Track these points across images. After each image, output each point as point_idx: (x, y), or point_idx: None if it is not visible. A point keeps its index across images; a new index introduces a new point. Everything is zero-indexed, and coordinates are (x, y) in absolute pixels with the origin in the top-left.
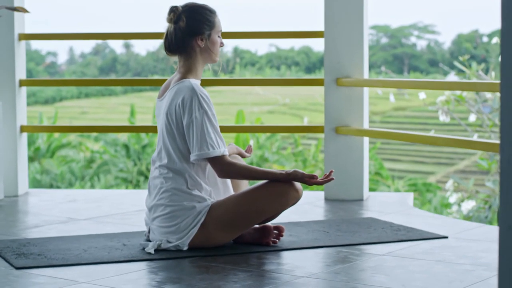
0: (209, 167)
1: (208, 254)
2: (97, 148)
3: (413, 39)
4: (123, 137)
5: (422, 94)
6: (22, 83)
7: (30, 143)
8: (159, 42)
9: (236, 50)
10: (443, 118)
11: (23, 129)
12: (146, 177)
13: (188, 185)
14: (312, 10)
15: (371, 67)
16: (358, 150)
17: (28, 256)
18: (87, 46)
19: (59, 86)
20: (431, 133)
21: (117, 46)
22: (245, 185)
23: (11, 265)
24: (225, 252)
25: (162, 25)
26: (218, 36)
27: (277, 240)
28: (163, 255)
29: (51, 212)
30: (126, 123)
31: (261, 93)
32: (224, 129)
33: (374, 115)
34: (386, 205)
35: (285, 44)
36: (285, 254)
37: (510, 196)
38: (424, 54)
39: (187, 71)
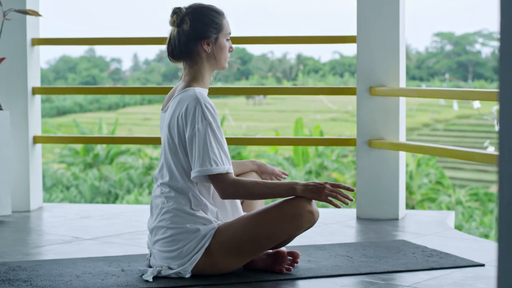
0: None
1: (213, 283)
2: (156, 155)
3: (477, 47)
4: None
5: (476, 103)
6: (35, 91)
7: (89, 149)
8: None
9: (299, 57)
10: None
11: (36, 139)
12: None
13: (192, 205)
14: (344, 14)
15: (435, 74)
16: (393, 164)
17: (13, 282)
18: (151, 52)
19: (73, 94)
20: (486, 143)
21: None
22: (260, 204)
23: None
24: (231, 281)
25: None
26: (227, 40)
27: (291, 268)
28: (162, 284)
29: (58, 230)
30: None
31: (324, 100)
32: (240, 142)
33: (437, 123)
34: (423, 225)
35: (349, 51)
36: (299, 283)
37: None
38: (488, 61)
39: (192, 79)
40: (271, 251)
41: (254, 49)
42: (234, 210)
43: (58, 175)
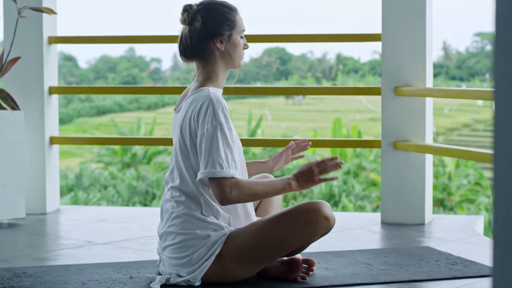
0: None
1: None
2: None
3: None
4: None
5: None
6: (52, 90)
7: (127, 149)
8: (262, 48)
9: (339, 57)
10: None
11: (53, 140)
12: None
13: (202, 210)
14: (368, 12)
15: (475, 74)
16: (419, 168)
17: None
18: None
19: (89, 94)
20: None
21: None
22: (276, 209)
23: None
24: None
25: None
26: (241, 37)
27: (306, 276)
28: None
29: (71, 234)
30: None
31: (363, 100)
32: (256, 143)
33: (477, 123)
34: (450, 230)
35: None
36: None
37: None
38: None
39: (206, 79)
40: (285, 258)
41: (294, 49)
42: (247, 215)
43: (95, 174)
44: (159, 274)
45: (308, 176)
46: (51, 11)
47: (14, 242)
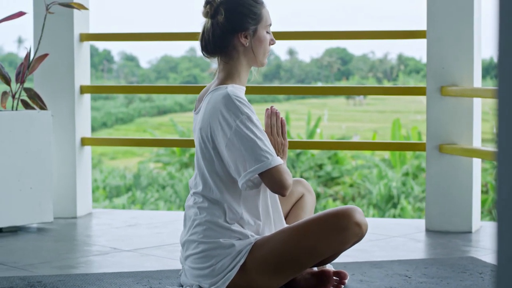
0: (259, 194)
1: None
2: None
3: None
4: None
5: None
6: (83, 89)
7: (185, 149)
8: (323, 49)
9: (400, 57)
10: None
11: (84, 141)
12: None
13: (226, 217)
14: (413, 8)
15: None
16: (466, 172)
17: None
18: None
19: (121, 93)
20: None
21: (281, 52)
22: (308, 214)
23: None
24: None
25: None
26: (267, 32)
27: None
28: None
29: (98, 240)
30: None
31: (423, 101)
32: (303, 145)
33: None
34: None
35: None
36: None
37: None
38: None
39: (227, 76)
40: (315, 269)
41: (355, 49)
42: (279, 220)
43: (154, 174)
44: (181, 285)
45: (279, 149)
46: (81, 7)
47: (37, 248)
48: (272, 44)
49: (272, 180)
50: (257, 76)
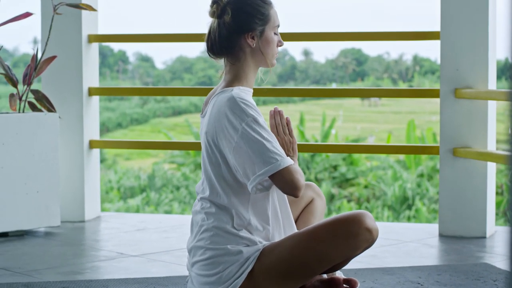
0: (268, 198)
1: None
2: None
3: None
4: None
5: None
6: (92, 91)
7: (200, 151)
8: (338, 49)
9: (415, 58)
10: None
11: (92, 144)
12: None
13: (234, 223)
14: (426, 9)
15: None
16: (480, 176)
17: None
18: None
19: (131, 96)
20: None
21: (296, 53)
22: (318, 219)
23: None
24: None
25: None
26: (275, 34)
27: None
28: None
29: (105, 245)
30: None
31: (439, 102)
32: (316, 148)
33: None
34: None
35: None
36: None
37: None
38: None
39: (234, 78)
40: (325, 276)
41: (370, 50)
42: (290, 226)
43: (168, 175)
44: None
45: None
46: (90, 8)
47: (43, 252)
48: (280, 45)
49: (284, 181)
50: (263, 78)
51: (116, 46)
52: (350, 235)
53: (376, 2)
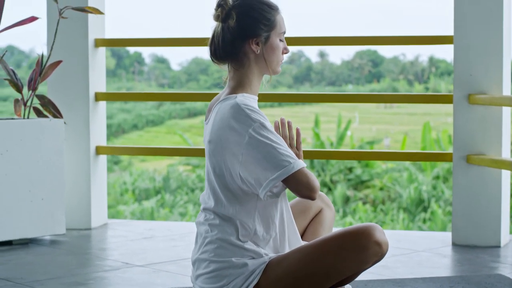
0: (276, 205)
1: None
2: None
3: None
4: (306, 146)
5: None
6: (98, 97)
7: None
8: (354, 51)
9: (431, 60)
10: None
11: (99, 150)
12: (330, 189)
13: (238, 235)
14: (439, 13)
15: None
16: (494, 184)
17: None
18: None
19: (138, 101)
20: None
21: (312, 55)
22: (327, 231)
23: None
24: None
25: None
26: (281, 40)
27: None
28: None
29: (110, 254)
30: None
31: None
32: (328, 155)
33: None
34: None
35: None
36: None
37: None
38: None
39: (237, 85)
40: None
41: (386, 52)
42: (292, 234)
43: (183, 177)
44: None
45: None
46: (96, 11)
47: (47, 262)
48: (285, 53)
49: (299, 184)
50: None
51: (131, 48)
52: (359, 249)
53: (390, 2)
